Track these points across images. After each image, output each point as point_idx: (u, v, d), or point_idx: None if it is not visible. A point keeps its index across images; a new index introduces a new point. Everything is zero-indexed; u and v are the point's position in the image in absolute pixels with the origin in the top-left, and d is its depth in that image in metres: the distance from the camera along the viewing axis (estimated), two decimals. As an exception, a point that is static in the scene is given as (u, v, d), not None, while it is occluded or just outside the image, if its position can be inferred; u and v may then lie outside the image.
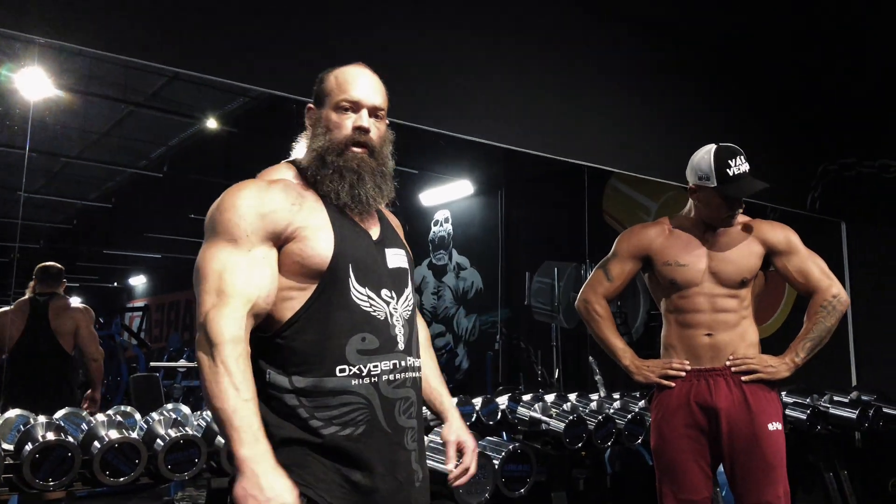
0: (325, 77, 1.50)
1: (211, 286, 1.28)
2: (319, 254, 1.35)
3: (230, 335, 1.23)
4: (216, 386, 1.21)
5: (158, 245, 11.62)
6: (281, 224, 1.34)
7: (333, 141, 1.44)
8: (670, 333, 2.40)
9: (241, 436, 1.19)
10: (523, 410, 3.40)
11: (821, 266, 2.36)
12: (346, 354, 1.34)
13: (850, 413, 3.97)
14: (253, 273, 1.30)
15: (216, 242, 1.32)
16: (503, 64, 3.45)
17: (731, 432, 2.24)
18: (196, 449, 2.31)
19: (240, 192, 1.36)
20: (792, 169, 4.96)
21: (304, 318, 1.34)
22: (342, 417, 1.32)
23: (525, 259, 7.73)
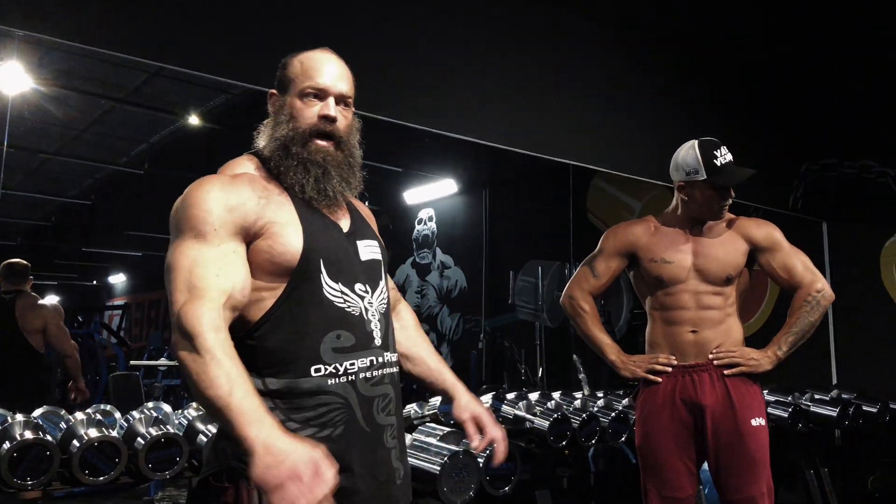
0: (289, 62, 1.44)
1: (181, 283, 1.22)
2: (289, 250, 1.30)
3: (208, 324, 1.17)
4: (205, 376, 1.12)
5: (139, 243, 11.51)
6: (250, 218, 1.30)
7: (298, 130, 1.38)
8: (655, 330, 2.41)
9: (245, 417, 1.09)
10: (508, 409, 3.39)
11: (804, 262, 2.38)
12: (320, 353, 1.30)
13: (830, 411, 4.01)
14: (224, 266, 1.25)
15: (184, 239, 1.27)
16: (489, 62, 3.43)
17: (715, 429, 2.25)
18: (177, 447, 2.28)
19: (204, 187, 1.31)
20: (774, 169, 4.99)
21: (276, 317, 1.29)
22: (320, 419, 1.28)
23: (509, 258, 7.73)
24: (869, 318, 4.89)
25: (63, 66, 7.06)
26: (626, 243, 2.43)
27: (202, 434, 2.36)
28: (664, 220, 2.44)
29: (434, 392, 1.62)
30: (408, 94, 3.13)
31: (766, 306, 5.37)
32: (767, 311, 5.35)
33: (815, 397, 4.19)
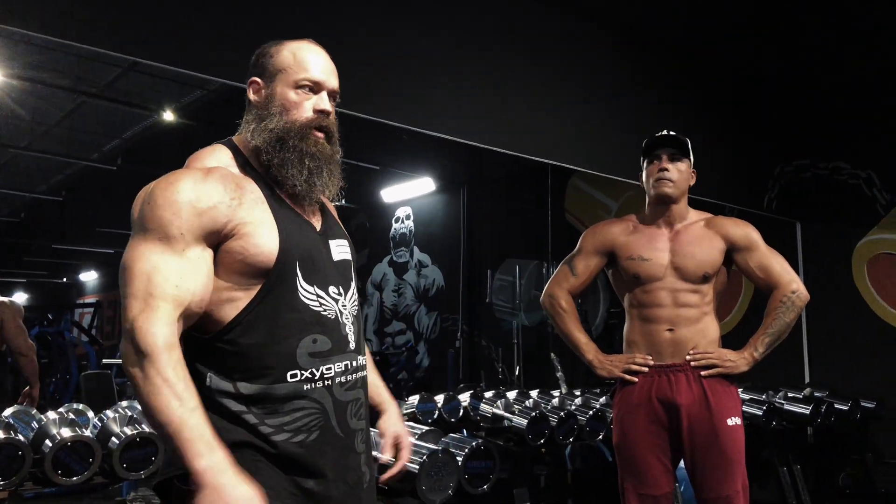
0: (277, 50, 1.38)
1: (138, 289, 1.16)
2: (263, 251, 1.25)
3: (163, 342, 1.13)
4: (156, 399, 1.11)
5: (111, 240, 11.34)
6: (220, 222, 1.24)
7: (295, 122, 1.34)
8: (632, 329, 2.42)
9: (194, 447, 1.09)
10: (486, 407, 3.39)
11: (781, 262, 2.40)
12: (297, 358, 1.26)
13: (803, 409, 4.07)
14: (185, 275, 1.19)
15: (146, 240, 1.20)
16: (467, 61, 3.42)
17: (691, 427, 2.27)
18: (153, 447, 2.24)
19: (174, 186, 1.22)
20: (749, 170, 5.05)
21: (249, 319, 1.25)
22: (294, 423, 1.25)
23: (487, 257, 7.74)
24: (841, 317, 4.96)
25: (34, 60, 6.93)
26: (604, 242, 2.45)
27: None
28: (643, 219, 2.46)
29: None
30: (386, 91, 3.10)
31: (741, 304, 5.43)
32: (743, 309, 5.41)
33: (789, 395, 4.25)
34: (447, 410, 3.52)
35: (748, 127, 4.99)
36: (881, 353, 4.73)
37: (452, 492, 2.47)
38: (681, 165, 2.36)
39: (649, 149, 2.38)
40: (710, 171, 4.45)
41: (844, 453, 4.65)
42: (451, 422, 3.51)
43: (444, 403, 3.52)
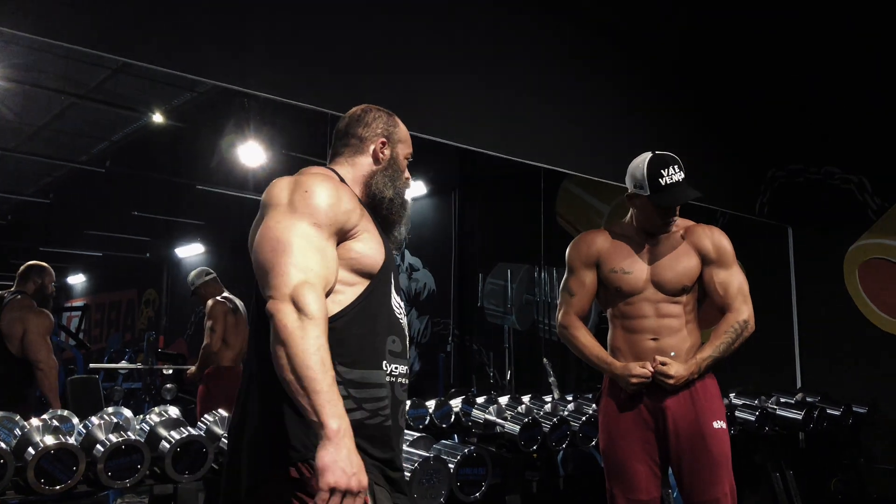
0: (397, 123, 1.70)
1: (298, 260, 1.32)
2: (374, 256, 1.47)
3: (322, 312, 1.29)
4: (311, 357, 1.24)
5: (99, 242, 11.25)
6: (352, 223, 1.45)
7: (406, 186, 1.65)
8: (616, 337, 2.42)
9: (333, 409, 1.23)
10: (477, 413, 3.36)
11: (742, 287, 2.38)
12: (385, 352, 1.46)
13: (795, 414, 4.05)
14: (329, 259, 1.39)
15: (300, 219, 1.38)
16: (460, 65, 3.40)
17: (677, 431, 2.26)
18: (139, 454, 2.19)
19: (325, 183, 1.44)
20: (741, 174, 5.05)
21: (355, 312, 1.42)
22: (385, 410, 1.43)
23: (478, 261, 7.71)
24: (832, 322, 4.96)
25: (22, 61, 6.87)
26: (589, 254, 2.45)
27: (164, 440, 2.28)
28: (621, 230, 2.45)
29: None
30: (378, 94, 3.07)
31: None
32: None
33: (781, 401, 4.24)
34: (438, 416, 3.48)
35: (740, 131, 4.99)
36: (873, 358, 4.73)
37: (444, 499, 2.44)
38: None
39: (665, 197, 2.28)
40: (703, 175, 4.44)
41: (836, 459, 4.64)
42: (443, 428, 3.47)
43: (436, 409, 3.49)
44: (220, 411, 2.64)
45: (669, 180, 2.26)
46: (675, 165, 2.28)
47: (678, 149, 3.93)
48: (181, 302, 11.18)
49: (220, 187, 7.91)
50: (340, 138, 1.65)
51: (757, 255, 5.26)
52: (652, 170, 2.28)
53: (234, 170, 7.24)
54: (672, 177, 2.27)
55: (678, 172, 2.28)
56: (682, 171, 2.29)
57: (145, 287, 12.69)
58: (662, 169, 2.27)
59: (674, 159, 2.30)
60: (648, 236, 2.39)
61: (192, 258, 11.21)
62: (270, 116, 6.56)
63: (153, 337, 6.04)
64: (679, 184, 2.27)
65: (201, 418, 2.61)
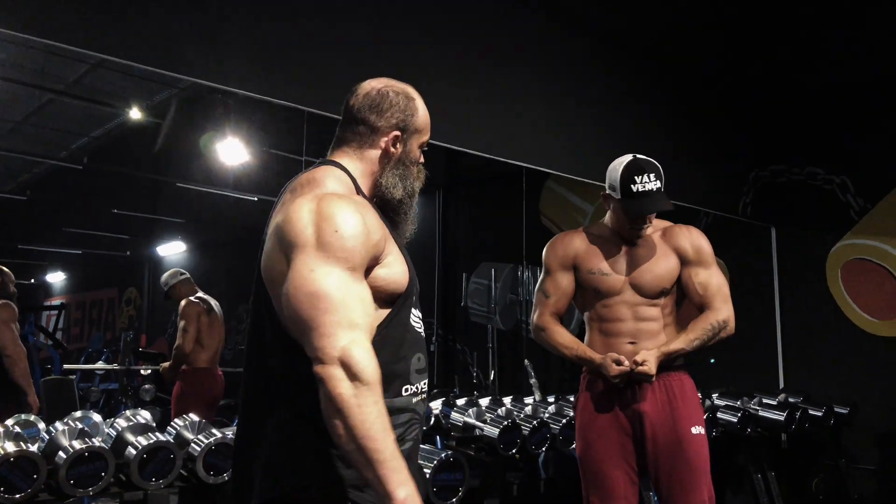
0: (416, 108, 1.50)
1: (343, 318, 1.22)
2: (400, 279, 1.37)
3: (378, 375, 1.22)
4: (371, 427, 1.18)
5: (78, 240, 11.11)
6: (380, 251, 1.35)
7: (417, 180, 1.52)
8: (593, 341, 2.37)
9: (398, 477, 1.19)
10: (457, 416, 3.31)
11: (722, 287, 2.33)
12: (409, 374, 1.39)
13: (777, 415, 4.04)
14: (368, 303, 1.29)
15: (335, 265, 1.25)
16: (443, 63, 3.37)
17: (654, 437, 2.22)
18: (103, 462, 2.13)
19: (353, 215, 1.30)
20: (725, 175, 5.04)
21: (378, 340, 1.31)
22: (407, 434, 1.37)
23: (462, 260, 7.66)
24: (815, 322, 4.96)
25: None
26: (566, 255, 2.40)
27: (131, 447, 2.22)
28: (600, 231, 2.41)
29: None
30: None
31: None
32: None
33: (764, 401, 4.22)
34: (418, 418, 3.43)
35: (724, 132, 4.98)
36: (854, 358, 4.74)
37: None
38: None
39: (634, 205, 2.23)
40: (686, 176, 4.43)
41: (818, 459, 4.64)
42: (424, 430, 3.42)
43: (415, 411, 3.44)
44: (191, 416, 2.57)
45: (641, 188, 2.20)
46: (651, 174, 2.21)
47: (662, 149, 3.91)
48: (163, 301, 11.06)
49: (201, 185, 7.82)
50: (349, 122, 1.49)
51: (740, 256, 5.26)
52: (626, 175, 2.22)
53: (216, 167, 7.16)
54: (645, 185, 2.20)
55: (653, 181, 2.21)
56: (658, 181, 2.22)
57: (126, 286, 12.55)
58: (637, 175, 2.21)
59: (652, 167, 2.23)
60: (626, 238, 2.35)
61: (174, 256, 11.09)
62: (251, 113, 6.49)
63: (130, 337, 5.96)
64: (650, 193, 2.20)
65: (171, 423, 2.55)
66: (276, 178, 7.28)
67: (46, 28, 2.19)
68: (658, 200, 2.21)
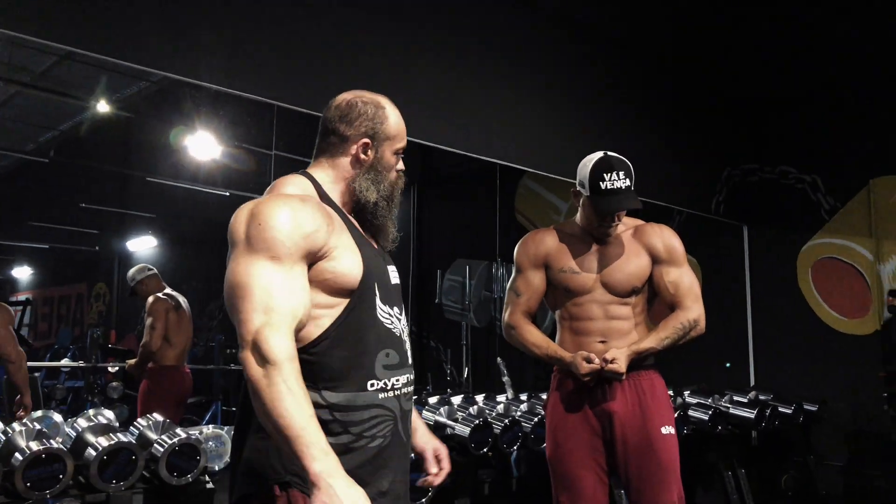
0: (385, 116, 1.55)
1: (258, 304, 1.28)
2: (350, 272, 1.41)
3: (287, 353, 1.25)
4: (280, 405, 1.21)
5: (45, 234, 10.90)
6: (319, 243, 1.38)
7: (394, 185, 1.56)
8: (564, 339, 2.35)
9: (312, 451, 1.20)
10: (428, 414, 3.28)
11: (693, 286, 2.32)
12: (374, 370, 1.41)
13: (748, 413, 4.06)
14: (296, 290, 1.33)
15: (257, 259, 1.32)
16: (419, 58, 3.35)
17: (624, 438, 2.20)
18: (61, 463, 2.06)
19: (281, 210, 1.37)
20: (698, 173, 5.06)
21: (335, 334, 1.38)
22: (372, 430, 1.40)
23: (437, 257, 7.63)
24: (786, 320, 5.00)
25: (-40, 45, 6.56)
26: (538, 254, 2.38)
27: (91, 448, 2.15)
28: (571, 229, 2.39)
29: None
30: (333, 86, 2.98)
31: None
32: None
33: (735, 399, 4.24)
34: (389, 417, 3.40)
35: (697, 130, 5.00)
36: (823, 355, 4.79)
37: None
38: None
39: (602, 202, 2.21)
40: (659, 174, 4.44)
41: (787, 456, 4.68)
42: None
43: (387, 410, 3.40)
44: (155, 415, 2.51)
45: (610, 185, 2.18)
46: (621, 171, 2.19)
47: (635, 147, 3.92)
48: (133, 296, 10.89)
49: (172, 179, 7.70)
50: (323, 134, 1.56)
51: (713, 254, 5.29)
52: (596, 172, 2.21)
53: (186, 162, 7.05)
54: (614, 182, 2.18)
55: (622, 179, 2.19)
56: (628, 179, 2.20)
57: (95, 281, 12.33)
58: (606, 173, 2.19)
59: (622, 164, 2.21)
60: (596, 235, 2.33)
61: (144, 251, 10.93)
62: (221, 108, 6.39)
63: (97, 333, 5.84)
64: (619, 191, 2.18)
65: (134, 423, 2.48)
66: (247, 173, 7.18)
67: (12, 19, 2.14)
68: (627, 198, 2.19)
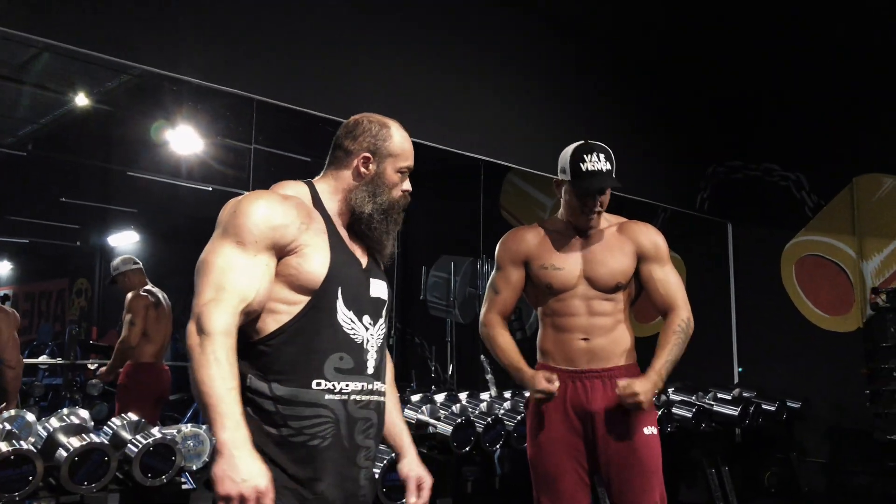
0: (389, 135, 1.61)
1: (212, 280, 1.37)
2: (314, 271, 1.45)
3: (222, 327, 1.32)
4: (205, 372, 1.28)
5: (25, 229, 10.76)
6: (287, 238, 1.44)
7: (394, 201, 1.62)
8: (546, 337, 2.31)
9: (224, 420, 1.26)
10: (410, 413, 3.24)
11: (680, 284, 2.31)
12: (323, 370, 1.44)
13: (732, 410, 4.06)
14: (253, 275, 1.40)
15: (225, 241, 1.41)
16: (403, 53, 3.33)
17: (606, 437, 2.16)
18: (30, 465, 2.01)
19: (257, 201, 1.45)
20: (682, 170, 5.05)
21: (291, 330, 1.43)
22: (312, 429, 1.42)
23: (421, 253, 7.59)
24: (769, 317, 5.01)
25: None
26: (518, 252, 2.34)
27: (62, 448, 2.10)
28: (553, 226, 2.36)
29: (388, 444, 1.74)
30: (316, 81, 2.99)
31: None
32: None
33: (718, 396, 4.24)
34: (371, 415, 3.36)
35: (681, 127, 4.99)
36: (807, 352, 4.80)
37: (369, 506, 2.31)
38: (607, 195, 2.25)
39: (583, 183, 2.20)
40: (643, 171, 4.42)
41: (770, 453, 4.69)
42: (376, 427, 3.35)
43: (368, 408, 3.36)
44: (130, 415, 2.46)
45: (591, 167, 2.17)
46: (601, 154, 2.19)
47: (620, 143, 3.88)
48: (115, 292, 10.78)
49: (153, 174, 7.61)
50: (333, 149, 1.64)
51: (697, 251, 5.28)
52: (576, 155, 2.20)
53: (167, 156, 6.97)
54: (595, 164, 2.17)
55: (602, 161, 2.18)
56: (608, 162, 2.19)
57: (77, 276, 12.19)
58: (586, 154, 2.18)
59: (602, 148, 2.21)
60: (580, 231, 2.29)
61: (126, 247, 10.81)
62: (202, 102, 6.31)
63: (76, 330, 5.74)
64: (600, 172, 2.17)
65: (108, 422, 2.43)
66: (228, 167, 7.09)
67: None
68: (607, 178, 2.18)
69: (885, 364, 4.24)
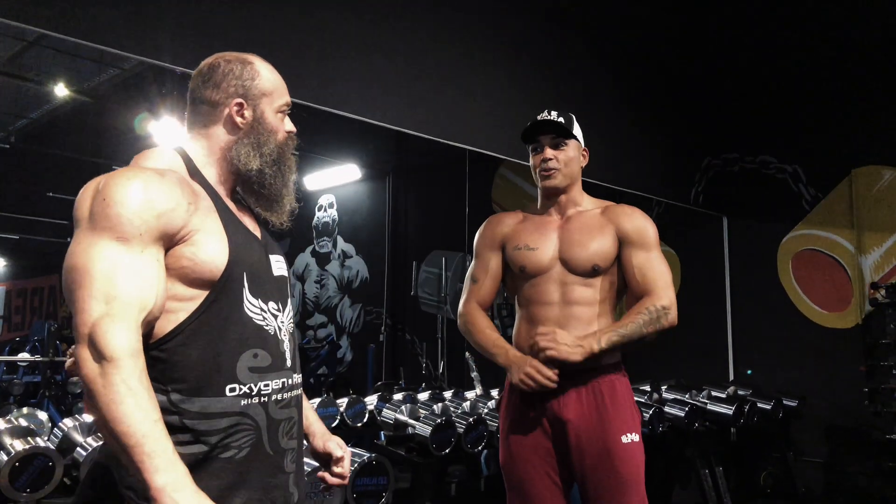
0: (255, 72, 1.38)
1: (98, 290, 1.11)
2: (212, 260, 1.23)
3: (129, 349, 1.08)
4: (118, 408, 1.05)
5: (15, 225, 10.67)
6: (177, 225, 1.20)
7: (282, 146, 1.39)
8: (520, 329, 2.14)
9: (155, 462, 1.05)
10: (389, 413, 3.12)
11: (664, 273, 2.09)
12: (237, 372, 1.23)
13: (726, 409, 3.94)
14: (146, 276, 1.15)
15: (101, 239, 1.14)
16: (393, 44, 3.23)
17: (580, 446, 1.98)
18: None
19: (132, 185, 1.18)
20: (677, 163, 4.94)
21: (190, 330, 1.20)
22: (227, 439, 1.21)
23: (413, 248, 7.48)
24: (766, 312, 4.89)
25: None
26: (494, 237, 2.22)
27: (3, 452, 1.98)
28: (533, 210, 2.25)
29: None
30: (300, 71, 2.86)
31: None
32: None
33: (713, 394, 4.12)
34: (351, 415, 3.24)
35: (676, 120, 4.88)
36: (804, 349, 4.69)
37: (338, 513, 2.20)
38: (567, 151, 2.12)
39: (528, 137, 2.14)
40: (637, 163, 4.31)
41: (766, 452, 4.58)
42: (357, 427, 3.24)
43: (347, 407, 3.24)
44: (84, 416, 2.33)
45: (540, 118, 2.11)
46: (554, 112, 2.13)
47: (613, 136, 3.78)
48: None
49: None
50: (192, 104, 1.38)
51: (692, 245, 5.16)
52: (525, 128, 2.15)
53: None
54: (544, 116, 2.12)
55: (553, 116, 2.12)
56: (561, 118, 2.12)
57: (69, 272, 12.13)
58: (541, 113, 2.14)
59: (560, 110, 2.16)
60: (562, 213, 2.15)
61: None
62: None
63: (55, 326, 5.64)
64: (548, 121, 2.11)
65: (58, 424, 2.31)
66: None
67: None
68: (553, 125, 2.10)
69: (883, 361, 4.15)
